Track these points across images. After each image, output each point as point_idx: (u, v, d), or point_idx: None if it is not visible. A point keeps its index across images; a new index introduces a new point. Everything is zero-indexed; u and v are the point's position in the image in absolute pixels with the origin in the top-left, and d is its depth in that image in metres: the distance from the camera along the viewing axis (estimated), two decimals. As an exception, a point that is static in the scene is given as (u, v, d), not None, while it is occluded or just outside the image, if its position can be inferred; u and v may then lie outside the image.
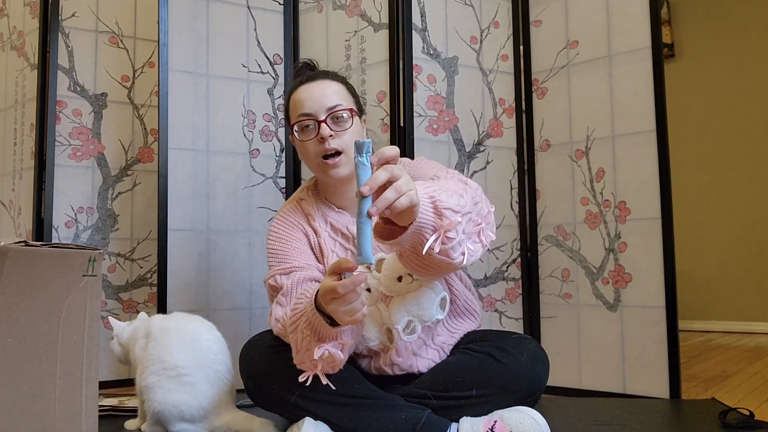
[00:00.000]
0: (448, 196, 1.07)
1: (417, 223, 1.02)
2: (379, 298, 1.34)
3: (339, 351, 1.14)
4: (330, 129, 1.36)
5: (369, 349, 1.36)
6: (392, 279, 1.32)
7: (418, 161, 1.44)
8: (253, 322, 2.07)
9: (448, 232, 1.04)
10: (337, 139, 1.36)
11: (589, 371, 1.95)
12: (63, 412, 0.84)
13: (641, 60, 1.87)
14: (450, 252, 1.08)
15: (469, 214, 1.11)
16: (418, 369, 1.35)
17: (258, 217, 2.11)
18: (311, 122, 1.37)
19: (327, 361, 1.14)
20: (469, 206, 1.11)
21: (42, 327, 0.82)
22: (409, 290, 1.33)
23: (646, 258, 1.85)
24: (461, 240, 1.08)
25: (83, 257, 0.87)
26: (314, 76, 1.43)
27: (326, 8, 2.14)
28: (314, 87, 1.40)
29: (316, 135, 1.36)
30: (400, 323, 1.31)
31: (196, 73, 2.05)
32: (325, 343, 1.13)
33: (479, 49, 2.08)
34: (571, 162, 2.01)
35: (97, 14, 2.12)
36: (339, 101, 1.38)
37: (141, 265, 2.13)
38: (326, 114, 1.37)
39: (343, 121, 1.37)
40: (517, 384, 1.26)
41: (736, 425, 1.40)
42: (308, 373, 1.17)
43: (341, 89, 1.42)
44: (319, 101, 1.38)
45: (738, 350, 2.92)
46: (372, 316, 1.33)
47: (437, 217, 1.04)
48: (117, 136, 2.13)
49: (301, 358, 1.18)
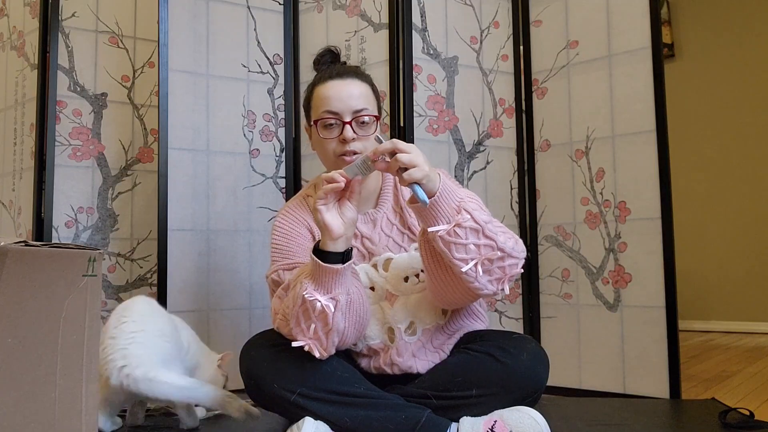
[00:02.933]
0: (479, 208, 1.20)
1: (436, 202, 1.16)
2: (383, 296, 1.35)
3: (331, 306, 1.18)
4: (354, 132, 1.36)
5: (369, 348, 1.36)
6: (399, 278, 1.34)
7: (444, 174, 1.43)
8: (253, 322, 2.07)
9: (457, 227, 1.16)
10: (359, 142, 1.36)
11: (589, 371, 1.95)
12: (63, 412, 0.84)
13: (641, 60, 1.87)
14: (453, 249, 1.16)
15: (491, 242, 1.18)
16: (417, 370, 1.35)
17: (258, 217, 2.11)
18: (335, 121, 1.37)
19: (320, 317, 1.18)
20: (492, 232, 1.19)
21: (42, 327, 0.82)
22: (414, 291, 1.35)
23: (646, 258, 1.85)
24: (470, 249, 1.17)
25: (83, 257, 0.87)
26: (344, 73, 1.41)
27: (326, 8, 2.14)
28: (343, 86, 1.39)
29: (339, 135, 1.36)
30: (402, 323, 1.33)
31: (196, 73, 2.05)
32: (320, 290, 1.18)
33: (479, 49, 2.08)
34: (571, 162, 2.01)
35: (97, 14, 2.12)
36: (366, 105, 1.38)
37: (141, 265, 2.13)
38: (352, 116, 1.37)
39: (367, 126, 1.38)
40: (517, 384, 1.26)
41: (736, 425, 1.40)
42: (302, 341, 1.22)
43: (368, 92, 1.41)
44: (347, 102, 1.37)
45: (738, 350, 2.92)
46: (375, 314, 1.34)
47: (456, 211, 1.17)
48: (117, 136, 2.13)
49: (297, 315, 1.21)
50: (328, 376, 1.26)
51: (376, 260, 1.38)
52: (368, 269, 1.38)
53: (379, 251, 1.39)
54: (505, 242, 1.20)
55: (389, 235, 1.41)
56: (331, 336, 1.22)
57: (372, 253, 1.40)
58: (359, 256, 1.39)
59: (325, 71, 1.45)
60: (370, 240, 1.40)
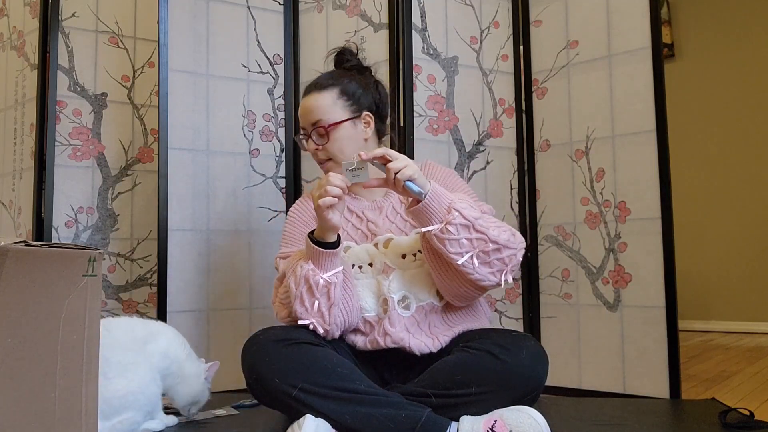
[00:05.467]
0: (469, 206, 1.31)
1: (426, 204, 1.28)
2: (381, 270, 1.44)
3: (335, 279, 1.31)
4: (315, 143, 1.51)
5: (365, 321, 1.42)
6: (397, 255, 1.44)
7: (450, 175, 1.57)
8: (253, 322, 2.07)
9: (448, 225, 1.28)
10: (322, 151, 1.51)
11: (589, 371, 1.95)
12: (63, 412, 0.84)
13: (641, 60, 1.87)
14: (447, 244, 1.29)
15: (482, 236, 1.30)
16: (409, 346, 1.38)
17: (258, 217, 2.11)
18: (304, 136, 1.55)
19: (323, 292, 1.31)
20: (483, 226, 1.30)
21: (42, 327, 0.82)
22: (410, 268, 1.43)
23: (646, 258, 1.85)
24: (463, 243, 1.29)
25: (83, 257, 0.87)
26: (308, 89, 1.55)
27: (326, 8, 2.14)
28: (305, 102, 1.54)
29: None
30: (395, 293, 1.41)
31: (196, 73, 2.05)
32: (320, 271, 1.31)
33: (479, 49, 2.08)
34: (571, 162, 2.01)
35: (97, 14, 2.12)
36: (320, 116, 1.50)
37: (141, 265, 2.13)
38: (311, 129, 1.52)
39: (323, 136, 1.50)
40: (516, 382, 1.27)
41: (736, 425, 1.40)
42: (306, 320, 1.33)
43: (330, 100, 1.52)
44: (306, 117, 1.53)
45: (738, 350, 2.92)
46: (370, 287, 1.43)
47: (446, 211, 1.28)
48: (117, 136, 2.13)
49: (300, 295, 1.33)
50: (330, 372, 1.27)
51: (378, 239, 1.49)
52: (369, 247, 1.47)
53: (382, 233, 1.49)
54: (499, 235, 1.31)
55: (393, 221, 1.51)
56: (333, 311, 1.33)
57: (375, 234, 1.50)
58: (362, 236, 1.51)
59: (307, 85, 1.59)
60: (375, 224, 1.51)
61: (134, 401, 1.35)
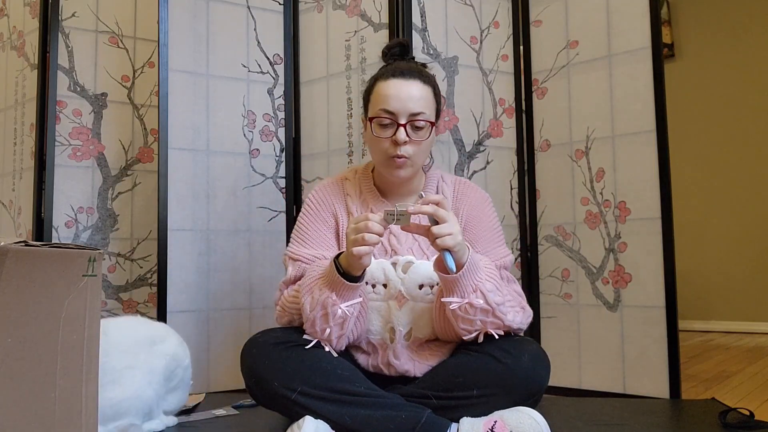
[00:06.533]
0: (495, 287, 1.28)
1: (458, 279, 1.23)
2: (394, 295, 1.36)
3: (354, 310, 1.27)
4: (407, 135, 1.36)
5: (369, 342, 1.38)
6: (415, 284, 1.36)
7: (482, 203, 1.49)
8: (253, 322, 2.07)
9: (469, 305, 1.25)
10: (410, 146, 1.37)
11: (589, 371, 1.95)
12: (63, 412, 0.84)
13: (641, 60, 1.87)
14: (460, 321, 1.27)
15: (498, 321, 1.29)
16: (414, 374, 1.36)
17: (258, 217, 2.11)
18: (391, 121, 1.37)
19: (337, 322, 1.27)
20: (502, 313, 1.29)
21: (42, 327, 0.82)
22: (424, 300, 1.36)
23: (646, 258, 1.85)
24: (476, 324, 1.28)
25: (83, 257, 0.87)
26: (408, 73, 1.39)
27: (326, 8, 2.14)
28: (404, 86, 1.37)
29: (392, 135, 1.37)
30: (404, 327, 1.36)
31: (196, 73, 2.05)
32: (340, 301, 1.25)
33: (479, 49, 2.07)
34: (571, 162, 2.01)
35: (97, 14, 2.12)
36: (423, 109, 1.37)
37: (141, 265, 2.13)
38: (408, 119, 1.36)
39: (421, 131, 1.38)
40: (517, 384, 1.26)
41: (736, 425, 1.40)
42: (312, 340, 1.30)
43: (429, 95, 1.40)
44: (405, 103, 1.36)
45: (738, 350, 2.92)
46: (380, 310, 1.36)
47: (472, 290, 1.24)
48: (117, 136, 2.13)
49: (313, 319, 1.28)
50: (329, 374, 1.27)
51: (398, 259, 1.39)
52: (387, 266, 1.38)
53: (403, 252, 1.41)
54: (513, 320, 1.31)
55: (416, 239, 1.42)
56: (342, 340, 1.32)
57: (395, 250, 1.41)
58: (382, 250, 1.41)
59: (390, 66, 1.43)
60: (397, 239, 1.42)
61: (129, 407, 1.34)
